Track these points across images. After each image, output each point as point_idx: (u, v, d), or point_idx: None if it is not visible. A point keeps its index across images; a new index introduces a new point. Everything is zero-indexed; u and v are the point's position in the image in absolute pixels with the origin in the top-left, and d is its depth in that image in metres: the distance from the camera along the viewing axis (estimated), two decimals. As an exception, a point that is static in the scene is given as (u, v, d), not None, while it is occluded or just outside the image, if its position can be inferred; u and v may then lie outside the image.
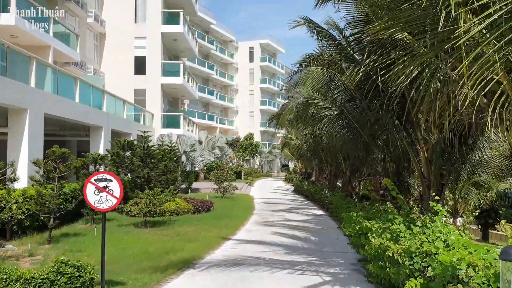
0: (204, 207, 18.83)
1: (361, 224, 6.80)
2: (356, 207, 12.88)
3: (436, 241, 4.98)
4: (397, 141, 10.42)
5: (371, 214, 8.29)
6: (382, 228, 5.82)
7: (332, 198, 19.56)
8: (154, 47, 32.41)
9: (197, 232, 13.46)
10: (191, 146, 28.50)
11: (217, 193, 26.40)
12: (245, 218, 17.35)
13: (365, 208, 11.05)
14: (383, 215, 7.36)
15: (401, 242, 5.28)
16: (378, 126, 11.36)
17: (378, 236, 5.71)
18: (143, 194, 14.98)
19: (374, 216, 7.82)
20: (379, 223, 6.08)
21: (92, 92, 20.92)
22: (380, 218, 7.15)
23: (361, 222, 6.93)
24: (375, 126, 11.56)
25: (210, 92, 61.44)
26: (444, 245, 4.92)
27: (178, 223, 15.47)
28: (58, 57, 23.82)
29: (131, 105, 27.45)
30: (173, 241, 11.75)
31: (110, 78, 32.14)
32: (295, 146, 32.92)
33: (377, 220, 6.66)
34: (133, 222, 15.12)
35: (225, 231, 13.85)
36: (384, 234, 5.64)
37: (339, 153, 22.31)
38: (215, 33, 66.52)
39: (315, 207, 22.94)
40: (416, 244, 5.06)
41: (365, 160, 16.64)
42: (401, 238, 5.40)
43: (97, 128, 21.43)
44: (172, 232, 13.45)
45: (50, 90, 16.83)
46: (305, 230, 14.40)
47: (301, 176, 45.80)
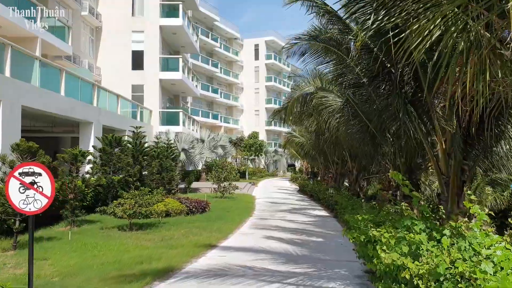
0: (199, 208, 17.42)
1: (367, 232, 5.33)
2: (362, 208, 11.36)
3: (475, 258, 3.51)
4: (410, 131, 8.92)
5: (380, 217, 6.80)
6: (395, 238, 4.34)
7: (337, 198, 18.07)
8: (152, 41, 31.09)
9: (184, 237, 12.06)
10: (190, 144, 27.11)
11: (216, 193, 24.99)
12: (242, 220, 15.93)
13: (373, 209, 9.46)
14: (395, 219, 5.93)
15: (423, 259, 3.82)
16: (387, 115, 9.87)
17: (390, 249, 4.23)
18: (129, 194, 13.60)
19: (384, 220, 6.37)
20: (390, 232, 4.59)
21: (80, 85, 19.60)
22: (392, 223, 5.72)
23: (368, 228, 5.45)
24: (383, 115, 10.08)
25: (214, 91, 60.08)
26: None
27: (167, 225, 14.09)
28: (47, 50, 22.57)
29: (126, 101, 26.10)
30: (154, 247, 10.36)
31: (106, 73, 30.88)
32: (299, 144, 31.32)
33: (387, 226, 5.21)
34: (119, 224, 13.79)
35: (216, 235, 12.43)
36: (399, 246, 4.16)
37: (345, 150, 20.83)
38: (219, 30, 65.16)
39: (319, 208, 21.46)
40: (445, 262, 3.59)
41: (372, 156, 15.13)
42: (423, 253, 3.94)
43: (87, 124, 20.13)
44: (157, 236, 12.06)
45: (30, 81, 15.52)
46: (306, 233, 12.93)
47: (307, 176, 44.22)
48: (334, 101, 14.63)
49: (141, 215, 13.25)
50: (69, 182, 13.38)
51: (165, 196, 18.04)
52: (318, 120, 17.86)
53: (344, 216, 14.03)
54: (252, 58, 73.20)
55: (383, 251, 4.08)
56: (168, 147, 24.33)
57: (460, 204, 8.85)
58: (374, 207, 9.78)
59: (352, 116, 13.23)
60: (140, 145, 19.65)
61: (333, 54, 11.09)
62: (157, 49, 31.02)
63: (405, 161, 12.58)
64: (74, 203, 13.46)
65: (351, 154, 20.69)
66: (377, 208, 9.98)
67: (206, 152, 29.36)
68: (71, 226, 13.60)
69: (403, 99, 8.31)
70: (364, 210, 10.10)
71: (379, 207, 11.19)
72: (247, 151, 54.60)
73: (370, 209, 9.58)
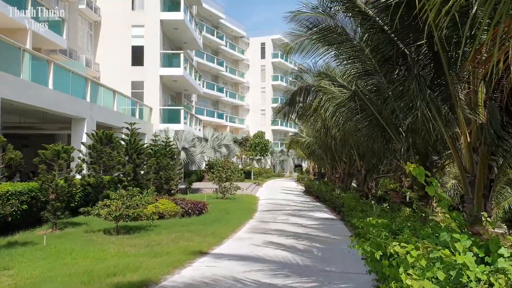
0: (196, 209, 16.21)
1: (382, 243, 4.07)
2: (373, 211, 10.08)
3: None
4: (429, 123, 7.64)
5: (398, 223, 5.48)
6: (424, 257, 3.06)
7: (344, 199, 16.77)
8: (152, 36, 29.96)
9: (173, 242, 10.87)
10: (190, 142, 25.93)
11: (217, 194, 23.78)
12: (241, 223, 14.70)
13: (385, 213, 8.13)
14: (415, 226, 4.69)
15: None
16: (401, 104, 8.61)
17: (419, 273, 2.94)
18: (116, 195, 12.44)
19: (401, 227, 5.12)
20: (418, 246, 3.30)
21: (72, 79, 18.49)
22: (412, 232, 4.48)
23: (385, 240, 4.18)
24: (396, 105, 8.81)
25: (219, 89, 58.91)
26: None
27: (158, 229, 12.91)
28: (40, 43, 21.50)
29: (124, 97, 24.97)
30: (136, 255, 9.17)
31: (105, 69, 29.82)
32: (305, 143, 29.97)
33: (408, 236, 3.95)
34: (106, 227, 12.64)
35: (209, 240, 11.22)
36: (432, 270, 2.89)
37: (353, 149, 19.52)
38: (225, 28, 64.05)
39: (325, 210, 20.18)
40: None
41: (383, 153, 13.85)
42: (471, 284, 2.69)
43: (79, 120, 19.02)
44: (144, 242, 10.88)
45: (13, 73, 14.41)
46: (309, 239, 11.67)
47: (314, 176, 42.82)
48: (340, 92, 13.35)
49: (128, 218, 12.06)
50: (50, 181, 12.25)
51: (159, 197, 16.91)
52: (323, 116, 16.58)
53: (352, 220, 12.77)
54: (258, 56, 71.96)
55: (410, 277, 2.83)
56: (167, 145, 23.20)
57: (488, 207, 7.57)
58: (386, 210, 8.46)
59: (360, 109, 11.97)
60: (134, 143, 18.51)
61: (338, 36, 9.80)
62: (158, 44, 29.88)
63: (419, 159, 11.29)
64: (56, 204, 12.33)
65: (359, 153, 19.39)
66: (390, 211, 8.67)
67: (208, 151, 28.15)
68: (53, 229, 12.48)
69: (422, 83, 7.03)
70: (376, 212, 8.82)
71: (393, 210, 9.90)
72: (252, 151, 53.27)
73: (382, 211, 8.26)
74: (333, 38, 9.33)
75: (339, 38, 9.30)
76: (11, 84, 13.89)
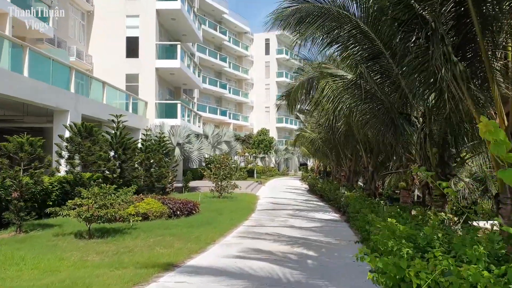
0: (184, 210, 14.67)
1: (408, 271, 2.57)
2: (384, 212, 8.43)
3: None
4: (454, 102, 6.03)
5: (426, 235, 3.84)
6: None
7: (349, 199, 15.13)
8: (148, 27, 28.41)
9: (149, 249, 9.33)
10: (185, 138, 24.38)
11: (213, 193, 22.22)
12: (233, 226, 13.13)
13: (400, 216, 6.44)
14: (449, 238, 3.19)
15: None
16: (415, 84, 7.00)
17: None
18: (87, 193, 10.91)
19: (431, 239, 3.55)
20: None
21: (52, 67, 16.97)
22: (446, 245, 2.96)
23: (408, 258, 2.69)
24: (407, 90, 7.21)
25: (222, 86, 57.27)
26: None
27: (137, 232, 11.39)
28: (24, 31, 20.06)
29: (114, 89, 23.45)
30: (96, 265, 7.63)
31: (98, 61, 28.33)
32: (309, 139, 28.28)
33: (441, 255, 2.49)
34: (80, 229, 11.16)
35: (191, 246, 9.66)
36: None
37: (359, 144, 17.87)
38: (228, 24, 62.42)
39: (329, 210, 18.56)
40: None
41: (393, 148, 12.20)
42: None
43: (62, 112, 17.52)
44: (115, 248, 9.36)
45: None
46: (306, 245, 10.07)
47: (319, 175, 41.10)
48: (343, 81, 11.73)
49: (101, 219, 10.53)
50: (12, 178, 10.77)
51: (146, 196, 15.40)
52: (326, 107, 14.94)
53: (357, 222, 11.16)
54: (263, 52, 70.24)
55: None
56: (161, 140, 21.69)
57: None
58: (401, 214, 6.80)
59: (366, 96, 10.35)
60: (120, 137, 17.01)
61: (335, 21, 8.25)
62: (154, 35, 28.33)
63: (436, 152, 9.66)
64: (19, 203, 10.85)
65: (366, 148, 17.75)
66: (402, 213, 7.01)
67: (206, 148, 26.58)
68: (17, 232, 11.00)
69: (447, 49, 5.42)
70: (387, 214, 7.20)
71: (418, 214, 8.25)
72: (255, 149, 51.59)
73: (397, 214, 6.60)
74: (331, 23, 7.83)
75: (335, 23, 7.78)
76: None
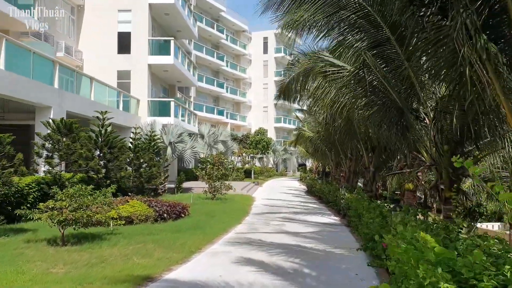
0: (172, 212, 13.61)
1: None
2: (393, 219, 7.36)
3: None
4: (479, 86, 4.99)
5: (478, 259, 2.74)
6: None
7: (350, 201, 14.06)
8: (140, 21, 27.34)
9: (124, 258, 8.27)
10: (177, 137, 23.32)
11: (206, 195, 21.15)
12: (224, 230, 12.09)
13: (414, 223, 5.34)
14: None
15: None
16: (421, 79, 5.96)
17: None
18: (62, 194, 9.85)
19: (480, 268, 2.55)
20: None
21: (33, 60, 15.90)
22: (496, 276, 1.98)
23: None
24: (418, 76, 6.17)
25: (219, 85, 56.17)
26: None
27: (117, 238, 10.35)
28: (7, 24, 19.00)
29: (103, 86, 22.39)
30: (57, 280, 6.58)
31: (89, 58, 27.21)
32: (308, 139, 27.21)
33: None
34: (55, 235, 10.11)
35: (173, 255, 8.61)
36: None
37: (359, 142, 16.81)
38: (226, 22, 61.35)
39: (327, 213, 17.53)
40: None
41: (398, 145, 11.15)
42: None
43: (44, 108, 16.43)
44: (87, 257, 8.31)
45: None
46: (303, 253, 9.03)
47: (317, 176, 39.99)
48: (344, 71, 10.67)
49: (75, 223, 9.47)
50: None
51: (131, 198, 14.34)
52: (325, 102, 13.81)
53: (361, 228, 10.12)
54: (261, 51, 69.16)
55: None
56: (151, 139, 20.65)
57: None
58: (417, 222, 5.72)
59: (370, 87, 9.29)
60: (105, 134, 15.97)
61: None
62: (146, 30, 27.27)
63: (448, 149, 8.62)
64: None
65: (368, 147, 16.71)
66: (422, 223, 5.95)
67: (199, 147, 25.52)
68: (-12, 236, 9.97)
69: (474, 20, 4.39)
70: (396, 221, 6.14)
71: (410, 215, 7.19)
72: (253, 149, 50.49)
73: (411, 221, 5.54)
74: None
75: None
76: None
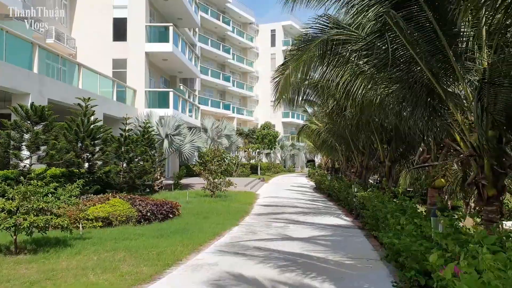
0: (159, 212, 11.79)
1: None
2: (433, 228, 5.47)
3: None
4: None
5: None
6: None
7: (365, 200, 12.13)
8: (137, 7, 25.56)
9: (79, 274, 6.48)
10: (174, 129, 21.52)
11: (205, 192, 19.34)
12: (216, 234, 10.25)
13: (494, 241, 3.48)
14: None
15: None
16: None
17: None
18: (14, 192, 8.09)
19: None
20: None
21: (6, 40, 14.17)
22: None
23: None
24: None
25: (226, 78, 54.22)
26: None
27: (84, 244, 8.58)
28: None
29: (93, 73, 20.62)
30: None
31: (82, 45, 25.51)
32: (315, 132, 25.16)
33: None
34: (11, 240, 8.35)
35: (142, 270, 6.79)
36: None
37: (373, 133, 14.83)
38: (232, 14, 59.37)
39: (338, 212, 15.62)
40: None
41: (424, 133, 9.25)
42: None
43: (20, 95, 14.69)
44: (34, 272, 6.56)
45: None
46: (309, 268, 7.14)
47: (327, 171, 37.92)
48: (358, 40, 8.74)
49: (26, 230, 7.69)
50: None
51: (114, 195, 12.55)
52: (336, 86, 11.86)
53: (383, 234, 8.22)
54: (268, 44, 67.12)
55: None
56: (145, 131, 18.89)
57: None
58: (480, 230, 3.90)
59: (392, 58, 7.35)
60: (88, 124, 14.21)
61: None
62: (143, 15, 25.50)
63: (494, 134, 6.72)
64: None
65: (382, 139, 14.77)
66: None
67: (198, 140, 23.70)
68: None
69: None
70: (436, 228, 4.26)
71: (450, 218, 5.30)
72: (259, 143, 48.54)
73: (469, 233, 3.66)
74: None
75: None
76: None
